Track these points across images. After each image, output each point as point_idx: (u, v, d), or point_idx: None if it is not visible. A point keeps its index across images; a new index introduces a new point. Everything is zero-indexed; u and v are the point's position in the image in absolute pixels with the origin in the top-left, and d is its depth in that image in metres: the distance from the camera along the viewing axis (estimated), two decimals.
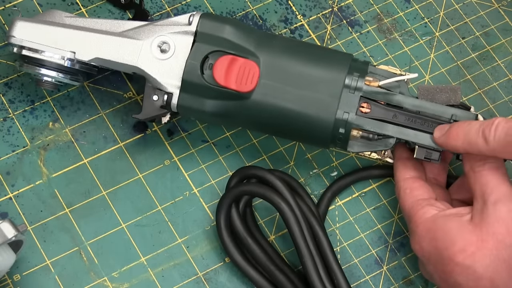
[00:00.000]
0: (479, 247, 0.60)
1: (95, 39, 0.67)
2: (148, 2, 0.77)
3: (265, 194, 0.66)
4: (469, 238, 0.61)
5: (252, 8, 0.78)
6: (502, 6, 0.80)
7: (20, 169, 0.70)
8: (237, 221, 0.66)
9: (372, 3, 0.79)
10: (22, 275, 0.67)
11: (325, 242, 0.66)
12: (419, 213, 0.64)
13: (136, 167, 0.71)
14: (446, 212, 0.63)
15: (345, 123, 0.65)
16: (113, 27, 0.68)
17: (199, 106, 0.66)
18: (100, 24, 0.68)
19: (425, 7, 0.80)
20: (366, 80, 0.66)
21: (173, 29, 0.67)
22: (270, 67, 0.66)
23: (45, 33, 0.67)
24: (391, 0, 0.80)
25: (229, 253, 0.66)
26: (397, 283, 0.70)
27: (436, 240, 0.62)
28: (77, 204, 0.70)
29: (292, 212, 0.65)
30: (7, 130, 0.71)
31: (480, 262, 0.60)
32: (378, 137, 0.65)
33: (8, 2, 0.76)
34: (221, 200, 0.67)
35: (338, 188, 0.71)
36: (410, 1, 0.80)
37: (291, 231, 0.65)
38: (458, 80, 0.77)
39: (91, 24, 0.68)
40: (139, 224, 0.70)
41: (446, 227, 0.62)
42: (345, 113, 0.65)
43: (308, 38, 0.77)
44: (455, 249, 0.61)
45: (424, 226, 0.63)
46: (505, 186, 0.61)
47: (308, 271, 0.64)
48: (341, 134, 0.65)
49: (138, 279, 0.68)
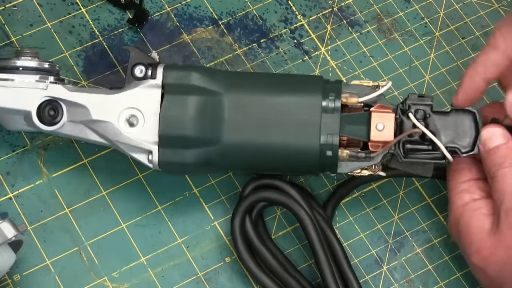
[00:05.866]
0: (492, 253, 0.61)
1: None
2: (148, 2, 0.77)
3: (284, 201, 0.66)
4: (484, 242, 0.62)
5: (252, 8, 0.78)
6: (502, 6, 0.80)
7: (20, 169, 0.70)
8: (250, 229, 0.66)
9: (372, 3, 0.79)
10: (22, 275, 0.67)
11: (339, 250, 0.67)
12: (455, 198, 0.65)
13: (136, 167, 0.71)
14: (476, 205, 0.63)
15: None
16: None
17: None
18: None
19: (425, 7, 0.80)
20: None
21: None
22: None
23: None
24: (391, 0, 0.80)
25: (243, 260, 0.66)
26: (397, 283, 0.70)
27: (460, 233, 0.64)
28: (77, 204, 0.70)
29: (311, 219, 0.65)
30: (7, 130, 0.71)
31: (491, 267, 0.62)
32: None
33: (8, 2, 0.76)
34: (237, 206, 0.67)
35: (341, 195, 0.71)
36: (410, 1, 0.80)
37: (310, 238, 0.65)
38: (458, 80, 0.77)
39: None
40: (139, 224, 0.70)
41: (470, 224, 0.63)
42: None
43: (308, 38, 0.77)
44: (471, 250, 0.63)
45: (454, 214, 0.65)
46: None
47: (325, 278, 0.65)
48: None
49: (138, 279, 0.68)
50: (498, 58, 0.64)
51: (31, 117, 0.65)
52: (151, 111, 0.64)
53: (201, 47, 0.76)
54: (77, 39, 0.75)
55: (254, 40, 0.77)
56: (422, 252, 0.71)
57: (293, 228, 0.70)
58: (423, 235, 0.71)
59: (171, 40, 0.76)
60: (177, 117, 0.64)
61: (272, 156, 0.65)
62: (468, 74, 0.65)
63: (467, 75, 0.65)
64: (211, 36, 0.76)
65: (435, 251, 0.71)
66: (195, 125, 0.64)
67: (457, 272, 0.70)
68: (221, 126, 0.64)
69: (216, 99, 0.64)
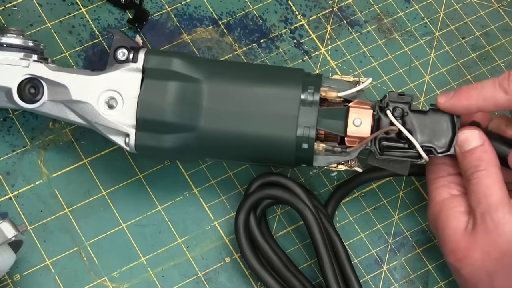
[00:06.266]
0: (466, 255, 0.62)
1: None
2: (148, 2, 0.77)
3: (289, 199, 0.66)
4: (460, 243, 0.62)
5: (252, 8, 0.78)
6: (502, 6, 0.80)
7: (20, 169, 0.70)
8: (254, 226, 0.66)
9: (372, 3, 0.79)
10: (22, 275, 0.67)
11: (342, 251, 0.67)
12: (433, 194, 0.65)
13: (136, 167, 0.71)
14: (454, 202, 0.64)
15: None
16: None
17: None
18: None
19: (425, 7, 0.80)
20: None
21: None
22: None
23: None
24: (391, 0, 0.80)
25: (245, 257, 0.66)
26: (397, 283, 0.70)
27: (437, 231, 0.64)
28: (77, 204, 0.70)
29: (315, 219, 0.65)
30: (7, 130, 0.71)
31: (465, 269, 0.62)
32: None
33: (8, 2, 0.76)
34: (242, 202, 0.67)
35: (341, 195, 0.71)
36: (410, 1, 0.80)
37: (313, 237, 0.65)
38: (458, 80, 0.77)
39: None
40: (139, 224, 0.70)
41: (447, 223, 0.63)
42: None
43: (308, 38, 0.77)
44: (447, 249, 0.63)
45: (433, 210, 0.65)
46: (494, 196, 0.61)
47: (327, 278, 0.65)
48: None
49: (138, 279, 0.68)
50: (503, 102, 0.63)
51: (11, 94, 0.65)
52: (130, 94, 0.65)
53: (201, 47, 0.76)
54: (77, 39, 0.75)
55: (254, 40, 0.77)
56: (422, 252, 0.71)
57: (293, 228, 0.70)
58: (423, 235, 0.71)
59: (171, 40, 0.76)
60: (156, 102, 0.64)
61: (248, 146, 0.65)
62: (469, 95, 0.64)
63: (466, 94, 0.64)
64: (211, 36, 0.76)
65: (435, 251, 0.71)
66: (173, 110, 0.64)
67: None
68: (199, 113, 0.64)
69: (195, 86, 0.65)
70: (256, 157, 0.66)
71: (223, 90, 0.65)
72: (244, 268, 0.69)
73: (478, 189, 0.62)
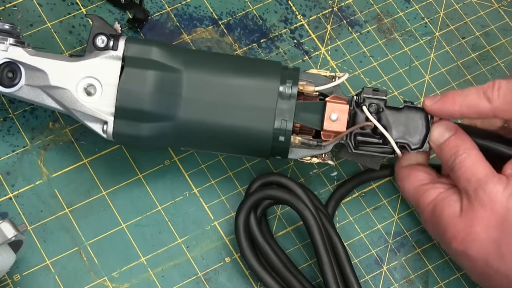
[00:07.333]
0: (468, 232, 0.62)
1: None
2: (148, 2, 0.77)
3: (290, 200, 0.66)
4: (458, 225, 0.63)
5: (252, 8, 0.78)
6: (502, 6, 0.80)
7: (20, 169, 0.70)
8: (255, 226, 0.66)
9: (372, 3, 0.79)
10: (22, 275, 0.67)
11: (342, 251, 0.67)
12: (422, 199, 0.66)
13: (136, 167, 0.71)
14: (446, 195, 0.65)
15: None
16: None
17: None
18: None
19: (425, 7, 0.80)
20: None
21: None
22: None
23: None
24: (391, 0, 0.80)
25: (245, 257, 0.66)
26: (397, 283, 0.70)
27: (437, 226, 0.65)
28: (77, 204, 0.70)
29: (315, 220, 0.65)
30: (7, 130, 0.71)
31: (471, 246, 0.62)
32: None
33: (8, 2, 0.76)
34: (243, 202, 0.67)
35: (341, 195, 0.71)
36: (410, 1, 0.80)
37: (313, 238, 0.65)
38: (458, 80, 0.77)
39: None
40: (139, 224, 0.70)
41: (442, 213, 0.64)
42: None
43: (308, 38, 0.77)
44: (448, 237, 0.64)
45: (427, 212, 0.66)
46: (481, 171, 0.63)
47: (327, 279, 0.65)
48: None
49: (138, 279, 0.68)
50: (486, 111, 0.64)
51: None
52: (109, 82, 0.65)
53: (201, 47, 0.76)
54: (77, 39, 0.75)
55: (254, 40, 0.77)
56: (422, 252, 0.71)
57: (293, 228, 0.70)
58: (423, 235, 0.71)
59: (171, 40, 0.76)
60: (135, 90, 0.64)
61: (225, 137, 0.65)
62: (454, 101, 0.65)
63: (451, 100, 0.65)
64: (211, 36, 0.76)
65: (435, 251, 0.71)
66: (152, 99, 0.64)
67: (457, 272, 0.70)
68: (177, 102, 0.65)
69: (175, 75, 0.65)
70: (232, 148, 0.67)
71: (202, 81, 0.65)
72: (244, 268, 0.69)
73: (464, 171, 0.63)
